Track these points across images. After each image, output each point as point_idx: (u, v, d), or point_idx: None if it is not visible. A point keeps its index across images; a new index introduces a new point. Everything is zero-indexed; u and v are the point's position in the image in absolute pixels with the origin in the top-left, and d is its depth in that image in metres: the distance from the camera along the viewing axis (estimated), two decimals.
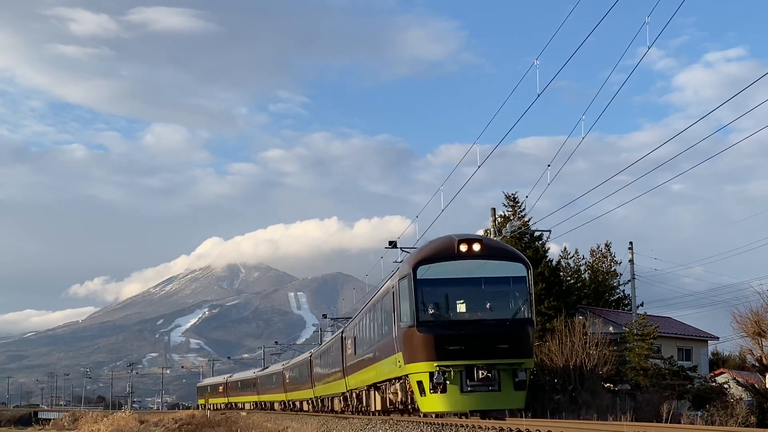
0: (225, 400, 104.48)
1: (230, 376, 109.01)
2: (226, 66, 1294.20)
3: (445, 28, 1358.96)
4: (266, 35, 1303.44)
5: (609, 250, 64.57)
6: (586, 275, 61.79)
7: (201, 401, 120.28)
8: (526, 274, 25.09)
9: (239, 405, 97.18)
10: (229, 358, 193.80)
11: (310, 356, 59.40)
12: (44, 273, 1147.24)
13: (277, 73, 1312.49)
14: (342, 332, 37.88)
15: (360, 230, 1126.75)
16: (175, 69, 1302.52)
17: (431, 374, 24.10)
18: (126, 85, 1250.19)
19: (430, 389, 23.99)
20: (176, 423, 68.36)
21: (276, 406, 77.72)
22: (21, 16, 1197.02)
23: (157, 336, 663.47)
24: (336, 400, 46.21)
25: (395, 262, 37.07)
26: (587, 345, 39.64)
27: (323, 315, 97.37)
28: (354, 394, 38.83)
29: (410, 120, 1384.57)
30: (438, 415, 25.78)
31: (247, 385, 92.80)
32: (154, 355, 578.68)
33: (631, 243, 53.30)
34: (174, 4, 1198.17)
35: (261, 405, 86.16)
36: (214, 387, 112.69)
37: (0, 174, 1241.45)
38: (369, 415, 31.48)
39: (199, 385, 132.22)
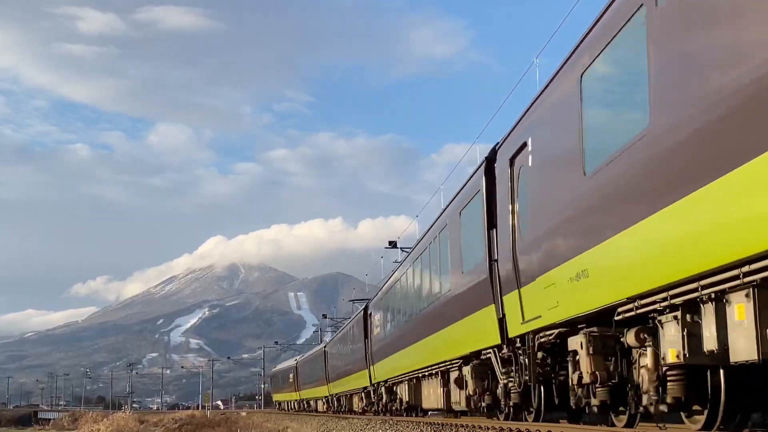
0: (295, 395, 74.68)
1: (302, 356, 73.83)
2: (232, 65, 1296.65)
3: (453, 27, 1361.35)
4: (273, 34, 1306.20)
5: None
6: None
7: (277, 397, 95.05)
8: None
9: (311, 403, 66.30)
10: (229, 358, 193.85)
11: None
12: (46, 272, 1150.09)
13: (283, 72, 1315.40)
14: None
15: (364, 230, 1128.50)
16: (181, 68, 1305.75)
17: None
18: (132, 84, 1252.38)
19: None
20: (176, 423, 68.20)
21: (356, 401, 43.76)
22: (29, 14, 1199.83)
23: (157, 336, 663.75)
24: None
25: (395, 261, 36.96)
26: None
27: (323, 315, 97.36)
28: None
29: (416, 119, 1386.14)
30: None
31: (315, 368, 59.44)
32: (154, 355, 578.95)
33: None
34: (182, 3, 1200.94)
35: (333, 403, 53.50)
36: (285, 375, 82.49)
37: (3, 174, 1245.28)
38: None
39: (273, 370, 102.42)
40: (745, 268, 7.73)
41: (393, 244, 40.53)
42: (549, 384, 14.14)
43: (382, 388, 33.59)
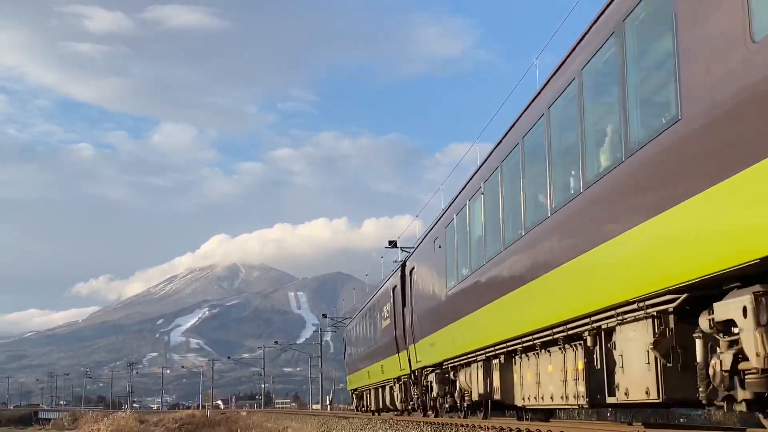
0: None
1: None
2: (238, 64, 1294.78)
3: (460, 25, 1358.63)
4: (279, 33, 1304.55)
5: None
6: None
7: (352, 382, 49.05)
8: None
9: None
10: (229, 358, 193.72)
11: None
12: (49, 272, 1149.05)
13: (288, 72, 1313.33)
14: None
15: (368, 230, 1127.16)
16: (187, 67, 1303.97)
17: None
18: (137, 83, 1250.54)
19: None
20: (176, 423, 68.30)
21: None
22: (36, 13, 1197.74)
23: (157, 336, 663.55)
24: None
25: (395, 261, 37.00)
26: None
27: (323, 315, 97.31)
28: None
29: (421, 118, 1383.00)
30: None
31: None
32: (154, 355, 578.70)
33: None
34: (190, 2, 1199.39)
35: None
36: (358, 341, 44.39)
37: (7, 173, 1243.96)
38: None
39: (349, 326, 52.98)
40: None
41: (393, 244, 40.53)
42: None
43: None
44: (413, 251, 27.42)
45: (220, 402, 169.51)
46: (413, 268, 26.11)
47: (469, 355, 19.00)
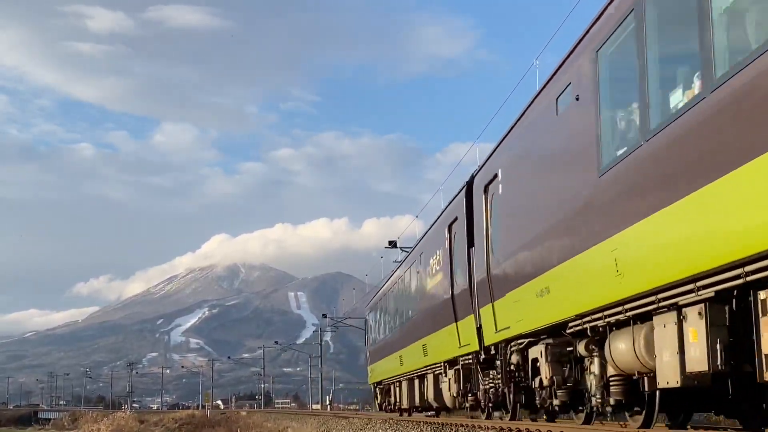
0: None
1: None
2: (239, 63, 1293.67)
3: (461, 25, 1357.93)
4: (280, 33, 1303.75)
5: None
6: None
7: (375, 373, 38.07)
8: None
9: None
10: (229, 358, 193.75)
11: None
12: (48, 272, 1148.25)
13: (289, 71, 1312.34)
14: None
15: (368, 230, 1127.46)
16: (188, 66, 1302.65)
17: None
18: (138, 83, 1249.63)
19: None
20: (176, 423, 68.27)
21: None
22: (38, 13, 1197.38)
23: (157, 336, 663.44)
24: None
25: (395, 261, 37.01)
26: None
27: (323, 315, 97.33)
28: None
29: (421, 118, 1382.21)
30: None
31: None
32: (154, 355, 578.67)
33: None
34: (191, 2, 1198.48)
35: None
36: (386, 317, 33.43)
37: (7, 173, 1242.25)
38: None
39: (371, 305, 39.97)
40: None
41: (393, 244, 40.53)
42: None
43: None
44: (490, 155, 16.58)
45: (220, 402, 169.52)
46: (494, 179, 15.77)
47: (662, 296, 9.24)
